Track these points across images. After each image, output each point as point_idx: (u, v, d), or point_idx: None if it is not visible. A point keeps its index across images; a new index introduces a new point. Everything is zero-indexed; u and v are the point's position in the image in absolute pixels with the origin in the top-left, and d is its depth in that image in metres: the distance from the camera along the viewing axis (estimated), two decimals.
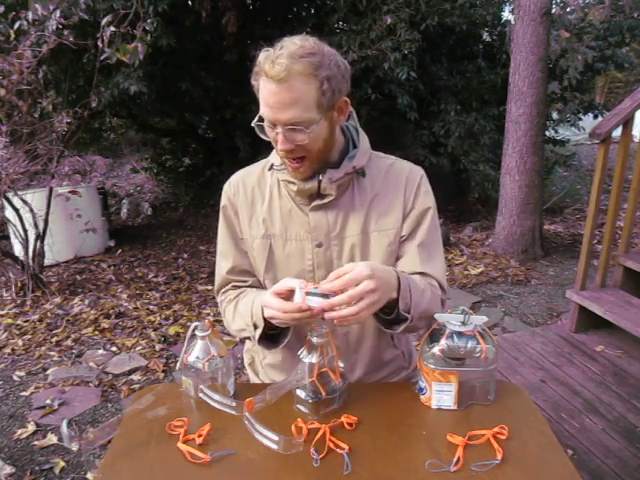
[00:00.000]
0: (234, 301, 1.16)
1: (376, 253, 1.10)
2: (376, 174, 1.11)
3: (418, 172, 1.15)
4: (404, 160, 1.18)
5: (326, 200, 1.07)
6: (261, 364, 1.27)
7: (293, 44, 0.93)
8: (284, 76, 0.91)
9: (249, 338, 1.10)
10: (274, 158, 1.11)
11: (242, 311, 1.11)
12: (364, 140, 1.12)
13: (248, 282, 1.18)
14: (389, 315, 1.00)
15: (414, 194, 1.12)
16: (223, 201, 1.18)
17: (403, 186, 1.11)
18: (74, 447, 1.94)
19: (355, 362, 1.17)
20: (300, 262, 1.11)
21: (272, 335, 1.08)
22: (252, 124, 1.01)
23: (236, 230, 1.17)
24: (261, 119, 1.00)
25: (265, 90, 0.95)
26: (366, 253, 1.10)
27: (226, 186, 1.19)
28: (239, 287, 1.18)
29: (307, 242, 1.10)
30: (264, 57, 0.93)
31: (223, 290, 1.20)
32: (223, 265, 1.19)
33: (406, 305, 0.98)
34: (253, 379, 1.31)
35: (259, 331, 1.04)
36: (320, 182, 1.05)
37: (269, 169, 1.12)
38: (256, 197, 1.14)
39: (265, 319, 1.01)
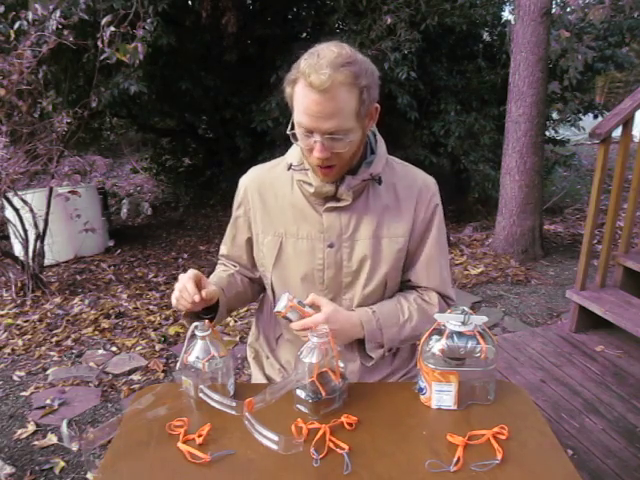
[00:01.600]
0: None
1: (386, 258, 1.12)
2: (391, 181, 1.12)
3: (431, 185, 1.17)
4: (418, 169, 1.20)
5: (342, 204, 1.09)
6: (267, 356, 1.28)
7: (330, 52, 0.93)
8: (328, 86, 0.91)
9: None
10: (292, 157, 1.12)
11: None
12: (381, 145, 1.13)
13: (236, 267, 1.28)
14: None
15: (424, 208, 1.14)
16: (237, 199, 1.22)
17: (415, 197, 1.13)
18: (74, 447, 1.94)
19: (352, 363, 1.17)
20: (310, 261, 1.12)
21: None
22: (287, 132, 1.02)
23: (242, 229, 1.22)
24: (292, 126, 1.01)
25: (306, 99, 0.94)
26: (377, 257, 1.12)
27: (240, 183, 1.22)
28: (227, 266, 1.30)
29: (318, 242, 1.11)
30: (305, 65, 0.93)
31: (218, 263, 1.34)
32: (222, 248, 1.31)
33: (377, 344, 1.10)
34: (256, 374, 1.31)
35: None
36: (338, 187, 1.07)
37: (288, 169, 1.11)
38: (269, 194, 1.16)
39: None
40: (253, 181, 1.19)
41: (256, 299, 1.34)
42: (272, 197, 1.15)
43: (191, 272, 1.06)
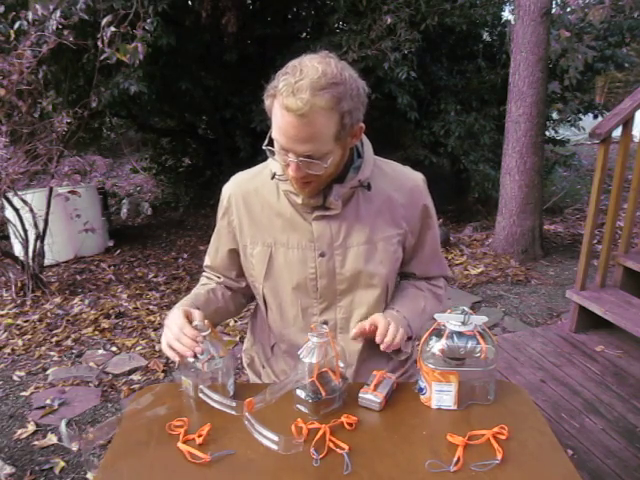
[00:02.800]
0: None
1: (385, 261, 1.12)
2: (380, 183, 1.10)
3: (420, 182, 1.16)
4: (404, 166, 1.19)
5: (331, 212, 1.07)
6: (262, 365, 1.27)
7: (314, 70, 0.88)
8: (305, 112, 0.87)
9: None
10: (275, 166, 1.08)
11: None
12: (368, 149, 1.10)
13: (220, 279, 1.25)
14: None
15: (417, 207, 1.14)
16: (220, 209, 1.19)
17: (407, 198, 1.12)
18: (74, 447, 1.94)
19: (348, 369, 1.16)
20: (302, 270, 1.10)
21: None
22: (263, 147, 1.01)
23: (225, 239, 1.20)
24: (271, 139, 0.98)
25: (282, 120, 0.91)
26: (375, 262, 1.11)
27: (224, 192, 1.18)
28: (210, 278, 1.27)
29: (309, 251, 1.09)
30: (283, 84, 0.88)
31: (202, 274, 1.31)
32: (206, 259, 1.28)
33: (408, 338, 1.13)
34: (253, 379, 1.31)
35: None
36: (326, 196, 1.05)
37: (272, 178, 1.08)
38: (255, 203, 1.12)
39: None
40: (237, 190, 1.15)
41: (240, 312, 1.31)
42: (258, 206, 1.12)
43: (177, 313, 1.00)
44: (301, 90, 0.87)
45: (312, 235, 1.08)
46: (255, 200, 1.12)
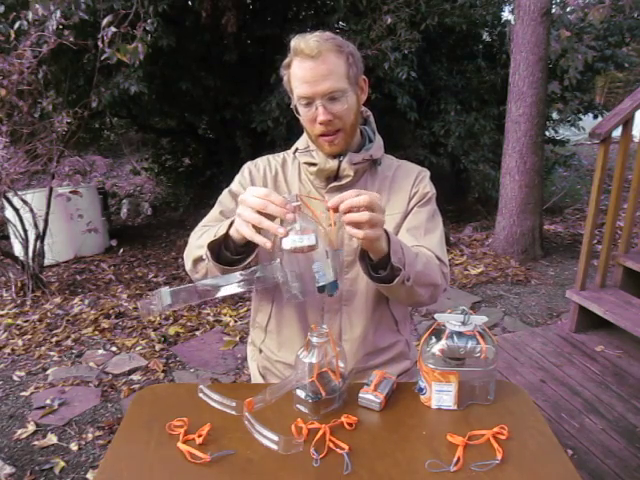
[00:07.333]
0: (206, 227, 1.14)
1: None
2: (388, 168, 1.21)
3: (424, 170, 1.26)
4: (410, 162, 1.28)
5: (343, 182, 1.14)
6: (260, 350, 1.28)
7: (314, 34, 1.06)
8: (317, 52, 1.02)
9: (201, 260, 1.03)
10: (299, 143, 1.21)
11: (210, 231, 1.04)
12: (379, 140, 1.22)
13: None
14: (384, 272, 0.98)
15: (420, 189, 1.21)
16: (243, 174, 1.23)
17: (412, 179, 1.21)
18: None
19: (350, 343, 1.17)
20: None
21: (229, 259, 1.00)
22: (291, 106, 1.12)
23: (230, 206, 1.22)
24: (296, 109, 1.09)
25: (301, 70, 1.05)
26: None
27: (249, 163, 1.25)
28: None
29: (322, 220, 1.13)
30: (296, 42, 1.04)
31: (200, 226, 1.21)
32: (212, 211, 1.24)
33: (399, 260, 0.96)
34: (255, 375, 1.31)
35: (217, 235, 0.97)
36: (340, 162, 1.13)
37: (293, 152, 1.21)
38: (279, 175, 1.22)
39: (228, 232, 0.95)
40: (265, 162, 1.24)
41: None
42: (281, 179, 1.21)
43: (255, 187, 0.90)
44: (310, 39, 1.04)
45: (324, 206, 1.11)
46: (278, 174, 1.22)
